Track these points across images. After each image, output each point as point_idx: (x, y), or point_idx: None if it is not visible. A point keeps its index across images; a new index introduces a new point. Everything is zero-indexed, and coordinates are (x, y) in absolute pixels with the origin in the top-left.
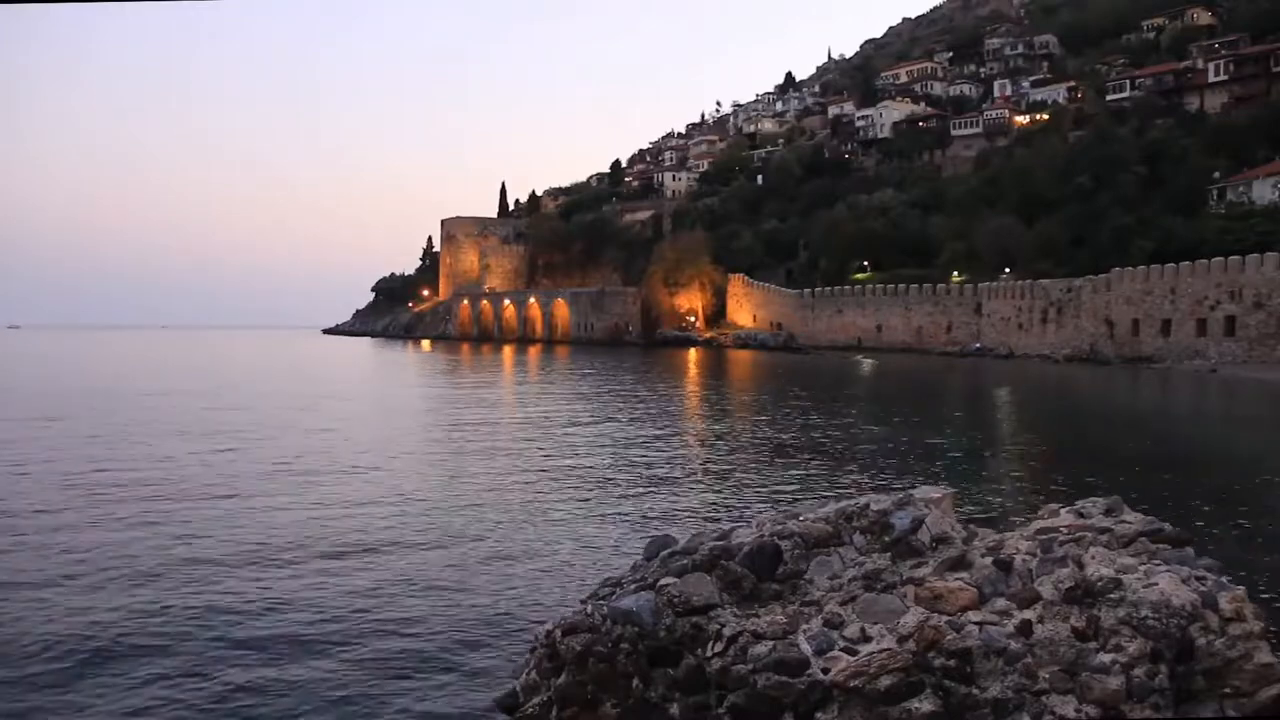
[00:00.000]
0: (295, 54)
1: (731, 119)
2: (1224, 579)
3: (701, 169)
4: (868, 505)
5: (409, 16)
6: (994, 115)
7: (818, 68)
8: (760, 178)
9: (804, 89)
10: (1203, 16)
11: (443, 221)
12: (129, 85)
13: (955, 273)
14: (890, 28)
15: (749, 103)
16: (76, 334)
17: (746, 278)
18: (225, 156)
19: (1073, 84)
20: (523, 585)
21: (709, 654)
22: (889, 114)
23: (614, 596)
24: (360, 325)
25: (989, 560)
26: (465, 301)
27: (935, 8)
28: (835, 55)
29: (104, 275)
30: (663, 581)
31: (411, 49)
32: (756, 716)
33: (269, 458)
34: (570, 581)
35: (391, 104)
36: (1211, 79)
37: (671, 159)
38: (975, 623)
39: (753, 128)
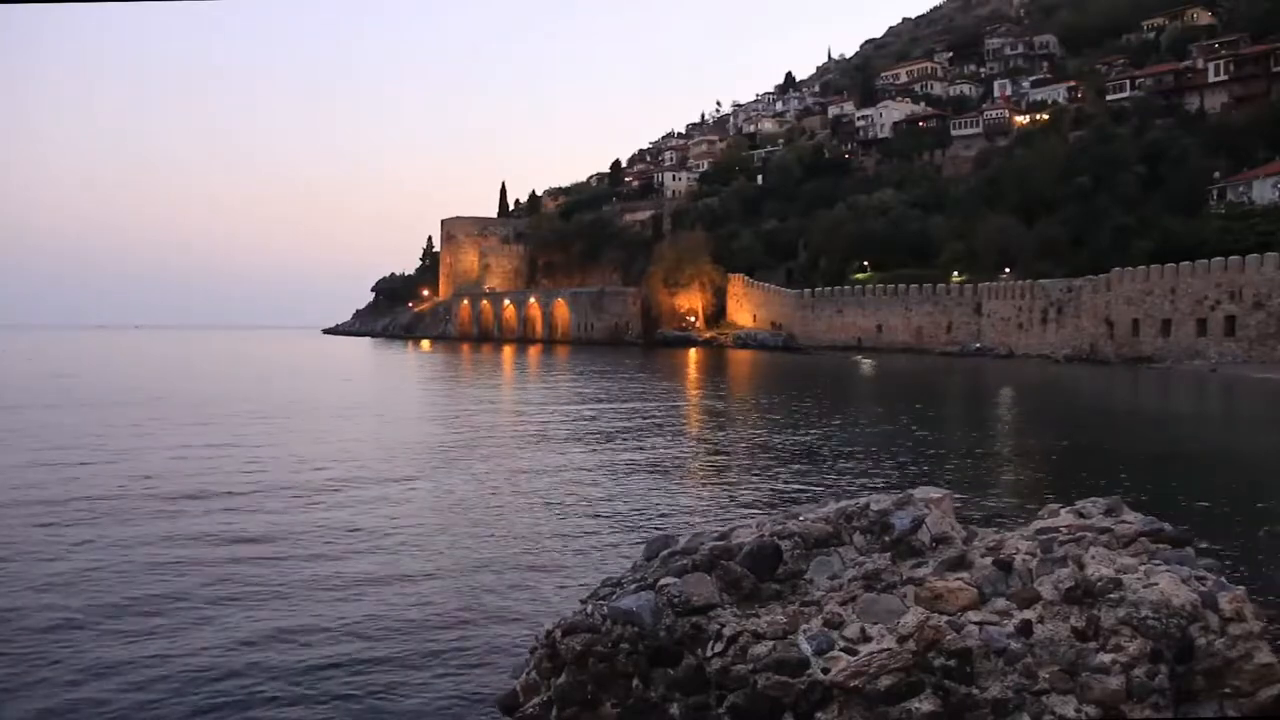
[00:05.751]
0: (295, 55)
1: (731, 119)
2: (1224, 579)
3: (701, 169)
4: (868, 505)
5: (410, 18)
6: (994, 115)
7: (818, 68)
8: (760, 178)
9: (804, 89)
10: (1203, 16)
11: (443, 221)
12: (127, 83)
13: (955, 273)
14: (890, 28)
15: (749, 103)
16: (71, 335)
17: (746, 278)
18: (224, 155)
19: (1073, 84)
20: (523, 585)
21: (709, 654)
22: (889, 114)
23: (614, 596)
24: (360, 325)
25: (989, 560)
26: (465, 301)
27: (935, 8)
28: (835, 55)
29: (100, 275)
30: (663, 581)
31: (412, 50)
32: (756, 716)
33: (259, 455)
34: (570, 581)
35: (391, 104)
36: (1211, 79)
37: (671, 159)
38: (975, 623)
39: (753, 128)
